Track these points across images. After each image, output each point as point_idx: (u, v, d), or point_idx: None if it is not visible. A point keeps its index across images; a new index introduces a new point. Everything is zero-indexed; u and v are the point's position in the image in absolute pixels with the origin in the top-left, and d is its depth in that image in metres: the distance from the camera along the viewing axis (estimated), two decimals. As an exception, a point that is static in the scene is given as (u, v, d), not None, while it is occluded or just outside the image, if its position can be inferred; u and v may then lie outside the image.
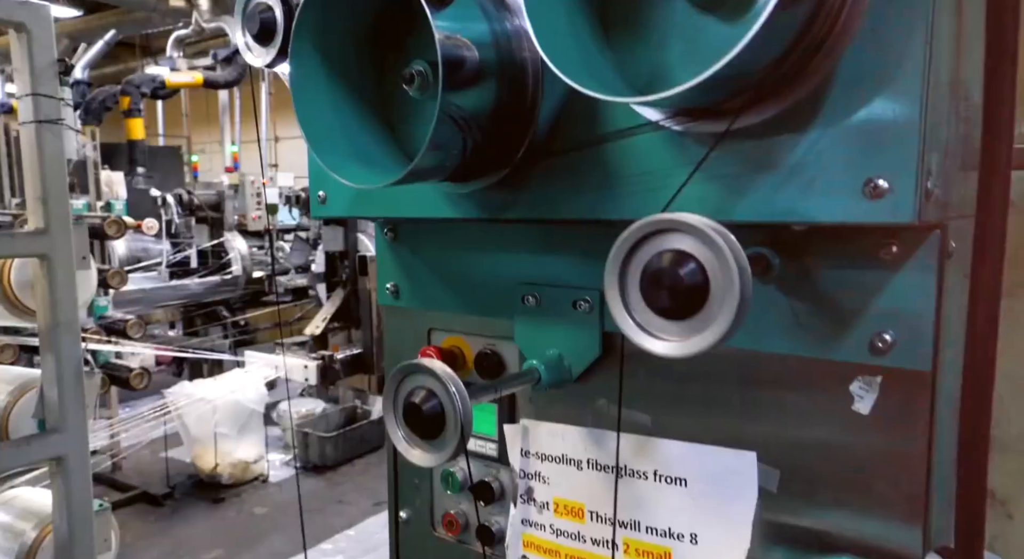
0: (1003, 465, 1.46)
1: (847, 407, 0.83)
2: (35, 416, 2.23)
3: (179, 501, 5.26)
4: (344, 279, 6.22)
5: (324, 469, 5.77)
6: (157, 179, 9.38)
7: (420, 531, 1.30)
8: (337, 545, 4.58)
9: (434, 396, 0.84)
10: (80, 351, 2.18)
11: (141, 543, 4.63)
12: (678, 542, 0.98)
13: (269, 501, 5.30)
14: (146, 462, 6.02)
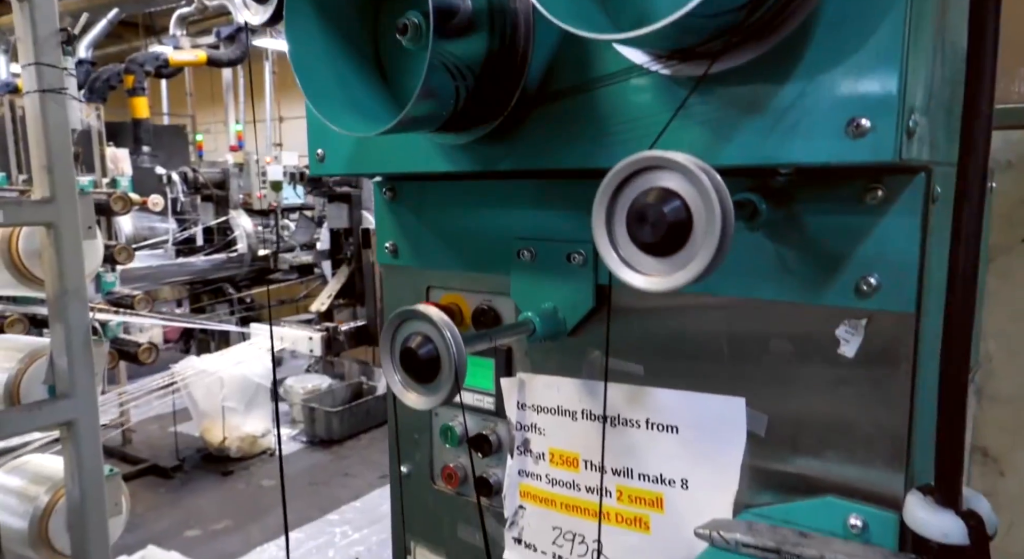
0: (995, 422, 1.48)
1: (833, 351, 0.85)
2: (45, 382, 2.27)
3: (188, 474, 5.35)
4: (349, 256, 6.25)
5: (330, 443, 5.85)
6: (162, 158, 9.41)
7: (421, 484, 1.33)
8: (343, 516, 4.66)
9: (429, 341, 0.86)
10: (88, 319, 2.21)
11: (152, 513, 4.72)
12: (669, 488, 1.01)
13: (276, 474, 5.38)
14: (156, 436, 6.12)
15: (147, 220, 8.29)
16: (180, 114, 14.78)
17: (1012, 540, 1.47)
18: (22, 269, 2.30)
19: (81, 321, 2.20)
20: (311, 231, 7.95)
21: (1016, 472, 1.46)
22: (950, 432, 0.77)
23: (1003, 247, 1.44)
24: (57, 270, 2.13)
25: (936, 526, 0.75)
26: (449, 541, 1.31)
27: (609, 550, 1.08)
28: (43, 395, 2.30)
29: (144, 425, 6.37)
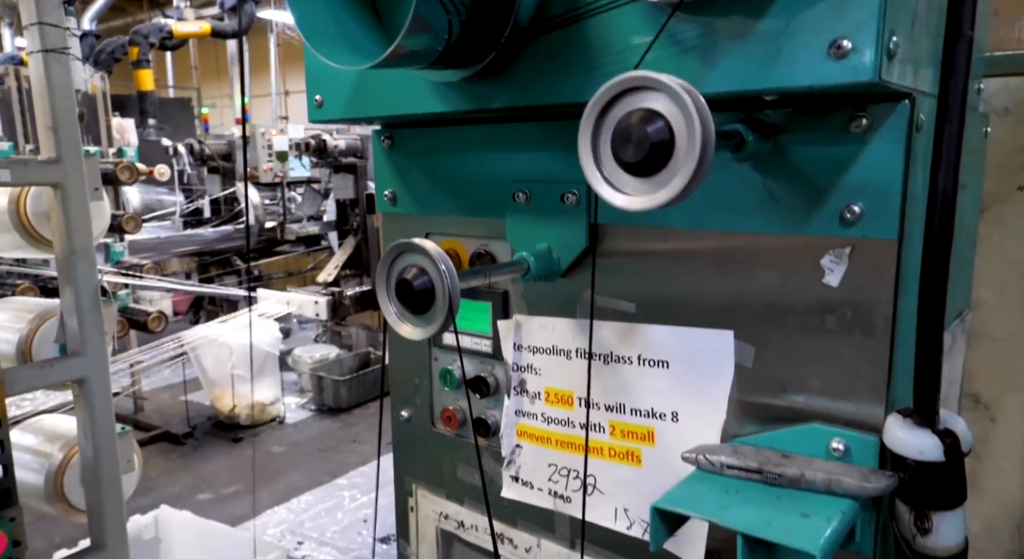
0: (988, 370, 1.50)
1: (818, 281, 0.87)
2: (56, 341, 2.32)
3: (199, 440, 5.44)
4: (355, 227, 6.27)
5: (339, 411, 5.93)
6: (168, 131, 9.43)
7: (421, 428, 1.37)
8: (351, 480, 4.74)
9: (424, 273, 0.88)
10: (96, 279, 2.25)
11: (165, 478, 4.82)
12: (660, 421, 1.04)
13: (286, 440, 5.47)
14: (167, 405, 6.21)
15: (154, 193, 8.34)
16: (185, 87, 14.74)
17: (1005, 484, 1.50)
18: (30, 230, 2.33)
19: (90, 281, 2.23)
20: (317, 203, 7.96)
21: (1007, 418, 1.49)
22: (929, 356, 0.79)
23: (998, 195, 1.45)
24: (65, 230, 2.16)
25: (913, 444, 0.78)
26: (449, 482, 1.34)
27: (603, 484, 1.11)
28: (54, 354, 2.35)
29: (155, 394, 6.47)
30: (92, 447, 2.36)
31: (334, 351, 6.57)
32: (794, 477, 0.79)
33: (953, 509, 0.79)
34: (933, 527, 0.79)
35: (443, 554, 1.37)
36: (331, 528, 4.16)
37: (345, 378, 5.94)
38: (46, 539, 4.09)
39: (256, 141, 7.87)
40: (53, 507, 2.59)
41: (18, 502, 2.19)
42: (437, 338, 1.31)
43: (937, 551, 0.80)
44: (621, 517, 1.09)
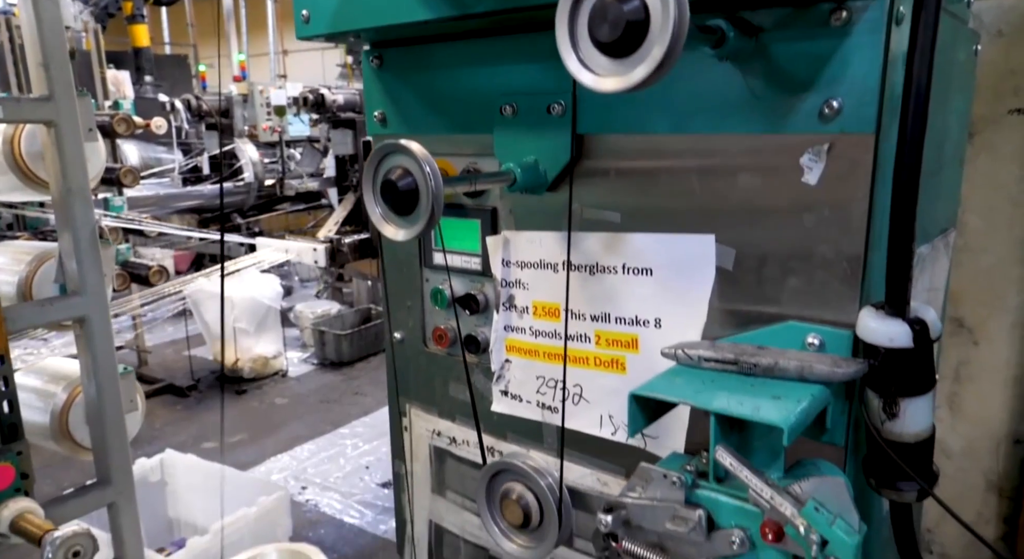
0: (973, 295, 1.52)
1: (797, 180, 0.88)
2: (56, 281, 2.35)
3: (203, 393, 5.52)
4: (355, 183, 6.25)
5: (341, 365, 6.00)
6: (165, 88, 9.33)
7: (413, 348, 1.40)
8: (353, 430, 4.83)
9: (409, 174, 0.90)
10: (93, 218, 2.26)
11: (170, 428, 4.90)
12: (644, 328, 1.06)
13: (289, 393, 5.55)
14: (171, 359, 6.29)
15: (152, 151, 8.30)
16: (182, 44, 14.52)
17: (985, 406, 1.53)
18: (26, 171, 2.34)
19: (87, 221, 2.25)
20: (317, 161, 7.93)
21: (990, 341, 1.51)
22: (901, 247, 0.81)
23: (988, 119, 1.45)
24: (60, 169, 2.17)
25: (884, 332, 0.80)
26: (441, 400, 1.38)
27: (588, 393, 1.14)
28: (54, 295, 2.38)
29: (159, 349, 6.55)
30: (95, 386, 2.41)
31: (335, 307, 6.62)
32: (768, 366, 0.82)
33: (921, 395, 0.82)
34: (901, 412, 0.81)
35: (436, 470, 1.41)
36: (334, 474, 4.25)
37: (347, 332, 6.00)
38: (55, 484, 4.18)
39: (254, 99, 7.80)
40: (59, 445, 2.66)
41: (24, 436, 2.24)
42: (427, 259, 1.33)
43: (904, 436, 0.83)
44: (606, 424, 1.12)
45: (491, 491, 0.87)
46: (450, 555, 1.42)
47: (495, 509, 0.87)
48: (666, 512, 0.78)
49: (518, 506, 0.84)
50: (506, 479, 0.86)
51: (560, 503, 0.82)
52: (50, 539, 1.94)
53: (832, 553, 0.67)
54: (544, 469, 0.84)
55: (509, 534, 0.87)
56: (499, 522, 0.87)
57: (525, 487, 0.84)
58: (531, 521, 0.84)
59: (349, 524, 3.73)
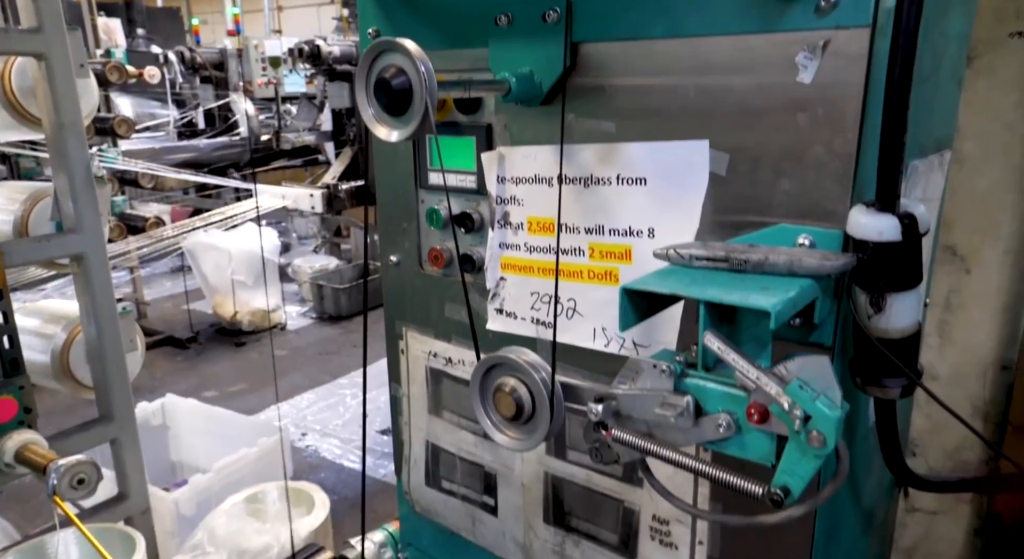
0: (966, 222, 1.53)
1: (791, 80, 0.88)
2: (52, 219, 2.35)
3: (203, 345, 5.57)
4: (352, 137, 6.20)
5: (339, 319, 6.05)
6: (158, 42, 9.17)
7: (409, 271, 1.41)
8: (352, 380, 4.88)
9: (403, 73, 0.89)
10: (87, 154, 2.25)
11: (170, 378, 4.96)
12: (637, 238, 1.07)
13: (288, 345, 5.60)
14: (170, 313, 6.33)
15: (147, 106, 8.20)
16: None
17: (974, 333, 1.55)
18: (18, 107, 2.32)
19: (81, 157, 2.24)
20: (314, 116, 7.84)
21: (983, 269, 1.52)
22: (892, 143, 0.81)
23: (989, 42, 1.43)
24: (52, 104, 2.15)
25: (873, 226, 0.81)
26: (436, 321, 1.39)
27: (582, 306, 1.15)
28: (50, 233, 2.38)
29: (158, 303, 6.58)
30: (95, 325, 2.43)
31: (333, 262, 6.63)
32: (758, 261, 0.83)
33: (907, 290, 0.83)
34: (887, 306, 0.83)
35: (432, 391, 1.44)
36: (333, 422, 4.32)
37: (345, 286, 6.03)
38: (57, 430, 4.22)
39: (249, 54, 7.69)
40: (61, 384, 2.69)
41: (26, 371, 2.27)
42: (423, 179, 1.33)
43: (891, 332, 0.84)
44: (599, 336, 1.14)
45: (485, 385, 0.89)
46: (447, 473, 1.46)
47: (488, 403, 0.89)
48: (655, 400, 0.80)
49: (511, 399, 0.85)
50: (500, 374, 0.88)
51: (552, 395, 0.84)
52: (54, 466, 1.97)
53: (815, 427, 0.69)
54: (537, 364, 0.85)
55: (501, 427, 0.89)
56: (492, 415, 0.89)
57: (518, 380, 0.86)
58: (523, 414, 0.86)
59: (349, 468, 3.80)
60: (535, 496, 1.30)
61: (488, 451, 1.36)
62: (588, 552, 1.24)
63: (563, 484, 1.26)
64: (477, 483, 1.40)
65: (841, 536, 1.14)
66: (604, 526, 1.22)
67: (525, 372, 0.85)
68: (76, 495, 1.96)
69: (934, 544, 1.66)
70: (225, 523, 2.44)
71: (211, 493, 2.78)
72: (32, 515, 3.30)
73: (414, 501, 1.55)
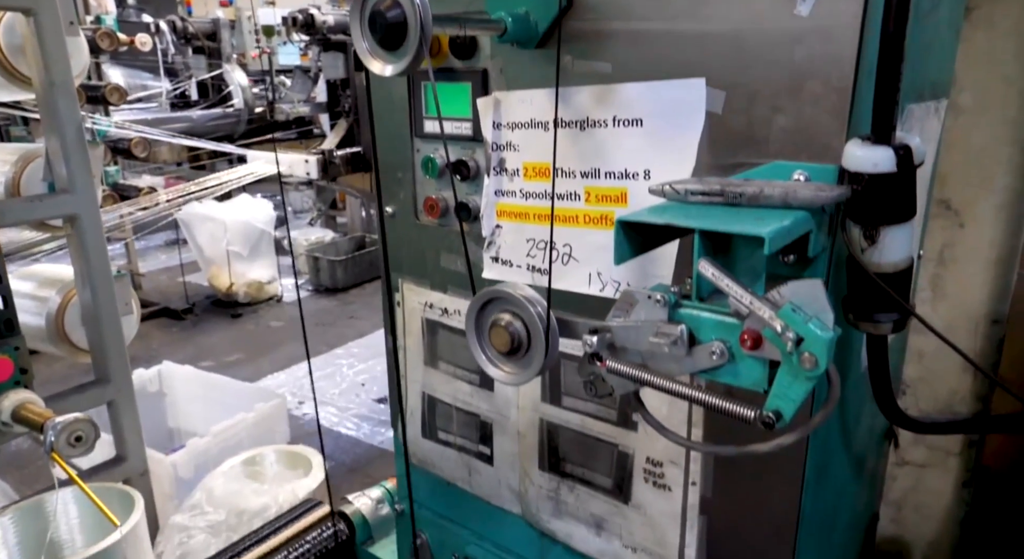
0: (961, 176, 1.53)
1: (788, 13, 0.87)
2: (44, 179, 2.33)
3: (199, 316, 5.57)
4: (347, 109, 6.14)
5: (336, 291, 6.05)
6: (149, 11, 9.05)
7: (405, 222, 1.40)
8: (349, 350, 4.90)
9: (398, 5, 0.88)
10: (79, 113, 2.23)
11: (166, 349, 4.96)
12: (633, 181, 1.07)
13: (284, 316, 5.60)
14: (165, 285, 6.32)
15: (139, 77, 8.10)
16: (164, -33, 13.98)
17: (967, 287, 1.56)
18: (7, 66, 2.29)
19: (72, 116, 2.21)
20: (308, 88, 7.76)
21: (976, 223, 1.53)
22: (888, 76, 0.81)
23: (989, -9, 1.42)
24: (42, 62, 2.12)
25: (868, 158, 0.81)
26: (432, 272, 1.39)
27: (578, 251, 1.16)
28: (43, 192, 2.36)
29: (153, 276, 6.57)
30: (89, 287, 2.42)
31: (329, 234, 6.61)
32: (753, 194, 0.83)
33: (901, 224, 0.83)
34: (880, 239, 0.83)
35: (428, 342, 1.44)
36: (330, 391, 4.34)
37: (341, 258, 6.02)
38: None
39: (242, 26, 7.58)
40: (57, 347, 2.69)
41: (20, 332, 2.27)
42: (418, 128, 1.32)
43: (883, 266, 0.85)
44: (595, 281, 1.14)
45: (481, 320, 0.90)
46: (443, 424, 1.47)
47: (484, 338, 0.89)
48: (649, 330, 0.80)
49: (507, 333, 0.86)
50: (496, 308, 0.88)
51: (547, 329, 0.84)
52: (52, 424, 1.98)
53: (807, 349, 0.69)
54: (533, 298, 0.86)
55: (497, 361, 0.89)
56: (487, 350, 0.90)
57: (514, 315, 0.86)
58: (519, 348, 0.86)
59: (346, 435, 3.83)
60: (530, 443, 1.31)
61: (484, 400, 1.37)
62: (583, 497, 1.26)
63: (558, 430, 1.27)
64: (473, 433, 1.41)
65: (831, 477, 1.16)
66: (598, 470, 1.23)
67: (521, 306, 0.86)
68: (74, 452, 1.97)
69: (923, 496, 1.68)
70: (223, 484, 2.46)
71: (209, 457, 2.80)
72: (31, 480, 3.31)
73: (411, 453, 1.56)
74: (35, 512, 2.23)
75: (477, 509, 1.46)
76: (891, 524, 1.73)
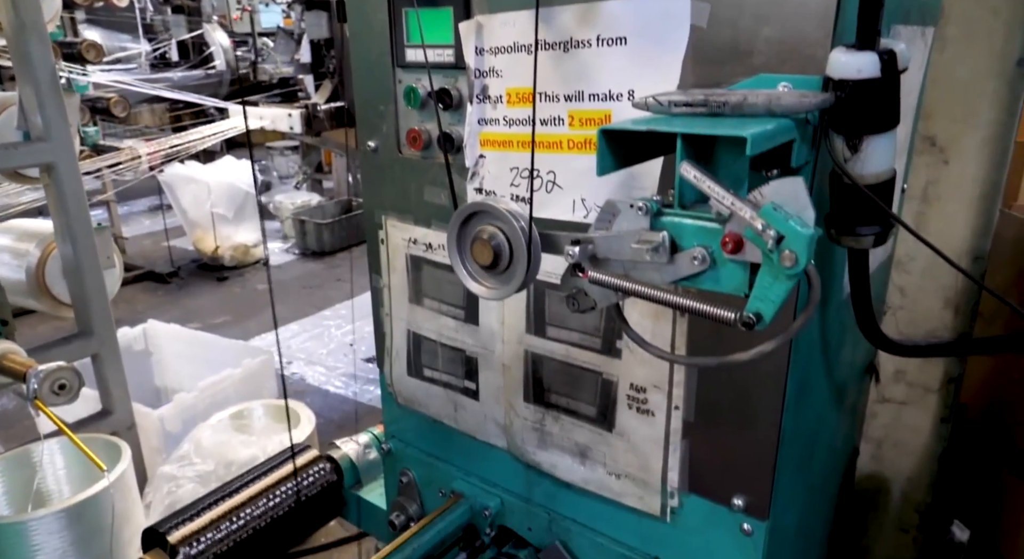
0: (947, 111, 1.52)
1: (776, -82, 0.85)
2: (19, 128, 2.28)
3: (184, 280, 5.53)
4: (331, 70, 6.04)
5: (322, 254, 6.01)
6: (126, -29, 8.80)
7: (388, 156, 1.39)
8: (336, 312, 4.89)
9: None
10: (51, 59, 2.18)
11: (152, 311, 4.93)
12: (617, 102, 1.05)
13: (272, 279, 5.57)
14: (149, 249, 6.26)
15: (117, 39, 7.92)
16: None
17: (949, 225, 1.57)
18: (-23, 9, 2.22)
19: (45, 61, 2.16)
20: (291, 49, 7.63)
21: (960, 159, 1.52)
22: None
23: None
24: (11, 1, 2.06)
25: (852, 65, 0.80)
26: (416, 207, 1.38)
27: (561, 178, 1.15)
28: (19, 142, 2.31)
29: (137, 240, 6.50)
30: (69, 240, 2.39)
31: (315, 198, 6.56)
32: (737, 103, 0.82)
33: (884, 132, 0.83)
34: (863, 148, 0.83)
35: (412, 279, 1.44)
36: (319, 351, 4.34)
37: (327, 221, 5.98)
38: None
39: (223, -14, 7.40)
40: (39, 301, 2.67)
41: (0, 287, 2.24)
42: (399, 57, 1.30)
43: (866, 177, 0.85)
44: (579, 208, 1.13)
45: (463, 235, 0.89)
46: (428, 361, 1.47)
47: (465, 252, 0.88)
48: (631, 238, 0.80)
49: (489, 246, 0.85)
50: (479, 222, 0.87)
51: (530, 241, 0.84)
52: (34, 372, 1.97)
53: (787, 247, 0.69)
54: (517, 212, 0.85)
55: (478, 276, 0.89)
56: (468, 265, 0.89)
57: (497, 228, 0.86)
58: (500, 262, 0.86)
59: (335, 393, 3.84)
60: (515, 376, 1.32)
61: (469, 335, 1.37)
62: (567, 427, 1.27)
63: (543, 361, 1.27)
64: (458, 368, 1.42)
65: (812, 401, 1.17)
66: (583, 400, 1.24)
67: (504, 219, 0.85)
68: (58, 400, 1.96)
69: (902, 433, 1.71)
70: (211, 435, 2.47)
71: (196, 412, 2.80)
72: (16, 440, 3.31)
73: (396, 393, 1.57)
74: (21, 462, 2.23)
75: (463, 445, 1.47)
76: (871, 461, 1.76)
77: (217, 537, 1.53)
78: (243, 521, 1.57)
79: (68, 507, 1.93)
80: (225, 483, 1.85)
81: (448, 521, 1.38)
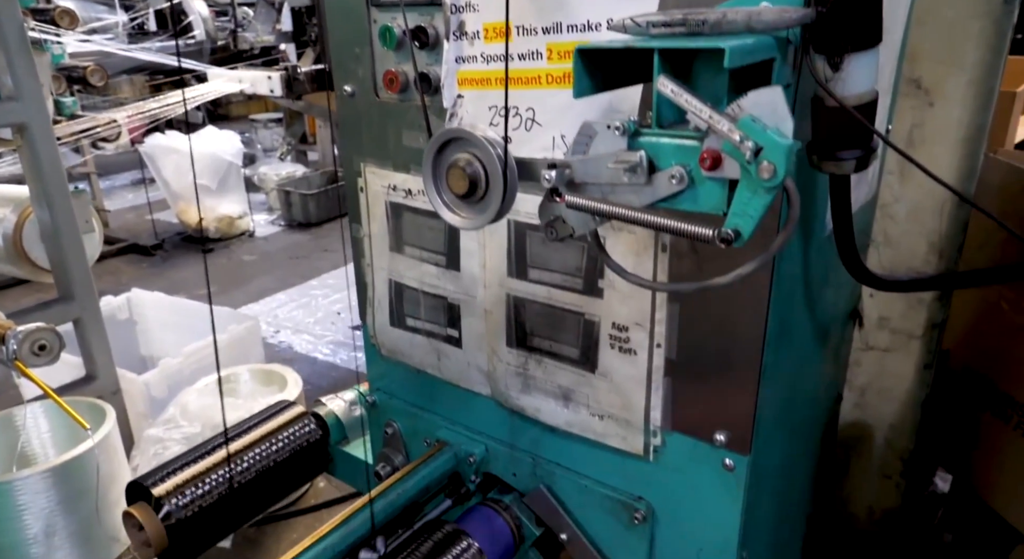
0: (932, 54, 1.50)
1: None
2: (-12, 89, 2.22)
3: (169, 252, 5.48)
4: (313, 38, 5.93)
5: (308, 225, 5.96)
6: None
7: (365, 101, 1.36)
8: (324, 282, 4.86)
9: None
10: (20, 14, 2.11)
11: (137, 283, 4.85)
12: (596, 32, 1.03)
13: (257, 251, 5.52)
14: (132, 223, 6.18)
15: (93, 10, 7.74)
16: None
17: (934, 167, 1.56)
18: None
19: (13, 17, 2.10)
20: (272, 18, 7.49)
21: (945, 101, 1.51)
22: None
23: None
24: (-24, -48, 2.00)
25: (835, -26, 0.78)
26: (395, 152, 1.36)
27: (541, 115, 1.12)
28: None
29: (120, 213, 6.42)
30: (45, 203, 2.35)
31: (300, 169, 6.48)
32: (716, 21, 0.80)
33: (866, 50, 0.81)
34: (845, 67, 0.81)
35: (393, 227, 1.42)
36: (306, 320, 4.32)
37: (313, 192, 5.91)
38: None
39: (201, -46, 7.22)
40: (18, 267, 2.63)
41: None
42: (374, -5, 1.26)
43: (847, 98, 0.83)
44: (559, 144, 1.11)
45: (438, 163, 0.87)
46: (411, 309, 1.46)
47: (441, 181, 0.87)
48: (609, 160, 0.78)
49: (465, 175, 0.83)
50: (455, 150, 0.85)
51: (506, 167, 0.82)
52: (13, 333, 1.94)
53: (765, 158, 0.68)
54: (493, 140, 0.83)
55: (453, 206, 0.87)
56: (444, 194, 0.88)
57: (472, 156, 0.84)
58: (476, 190, 0.84)
59: (322, 360, 3.83)
60: (497, 321, 1.31)
61: (450, 281, 1.36)
62: (550, 369, 1.26)
63: (524, 305, 1.26)
64: (441, 316, 1.40)
65: (793, 338, 1.17)
66: (565, 341, 1.23)
67: (480, 146, 0.83)
68: (38, 361, 1.94)
69: (886, 380, 1.72)
70: (197, 399, 2.46)
71: (182, 377, 2.78)
72: (3, 409, 3.28)
73: (380, 344, 1.56)
74: (4, 426, 2.21)
75: (447, 394, 1.47)
76: (854, 408, 1.77)
77: (201, 491, 1.52)
78: (228, 475, 1.57)
79: (53, 466, 1.92)
80: (209, 438, 1.85)
81: (432, 468, 1.38)
